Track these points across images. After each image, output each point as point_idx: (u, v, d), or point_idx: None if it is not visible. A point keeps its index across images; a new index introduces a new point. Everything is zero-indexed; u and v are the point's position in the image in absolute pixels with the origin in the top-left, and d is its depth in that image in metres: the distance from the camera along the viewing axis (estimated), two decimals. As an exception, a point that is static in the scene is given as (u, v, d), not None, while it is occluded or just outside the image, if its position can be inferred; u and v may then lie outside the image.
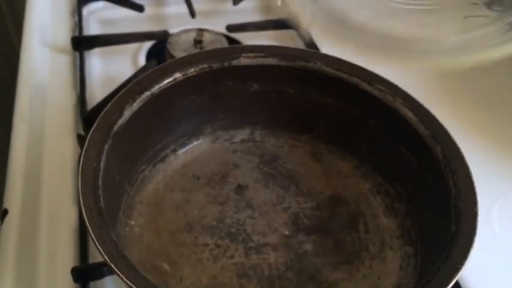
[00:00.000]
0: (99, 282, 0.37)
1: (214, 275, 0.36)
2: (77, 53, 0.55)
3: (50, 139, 0.47)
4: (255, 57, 0.41)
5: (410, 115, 0.38)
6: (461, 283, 0.37)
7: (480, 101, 0.53)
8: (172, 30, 0.59)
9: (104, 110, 0.34)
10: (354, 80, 0.40)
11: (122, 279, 0.26)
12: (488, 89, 0.55)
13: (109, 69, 0.57)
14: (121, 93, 0.36)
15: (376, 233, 0.39)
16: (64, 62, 0.55)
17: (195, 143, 0.44)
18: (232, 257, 0.37)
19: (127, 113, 0.36)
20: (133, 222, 0.38)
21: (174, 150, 0.43)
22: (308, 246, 0.38)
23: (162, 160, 0.42)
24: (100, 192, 0.30)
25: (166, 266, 0.36)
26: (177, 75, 0.39)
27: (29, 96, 0.51)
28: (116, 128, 0.34)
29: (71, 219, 0.40)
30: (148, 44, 0.59)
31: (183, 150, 0.43)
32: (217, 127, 0.44)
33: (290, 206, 0.41)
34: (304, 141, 0.45)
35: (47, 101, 0.51)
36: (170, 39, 0.58)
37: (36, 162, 0.45)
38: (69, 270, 0.36)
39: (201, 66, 0.40)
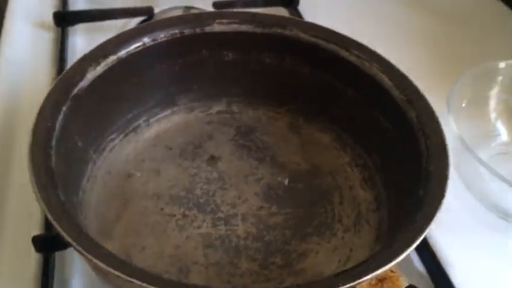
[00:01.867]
0: (66, 254, 0.36)
1: (178, 244, 0.34)
2: (59, 29, 0.54)
3: (25, 113, 0.46)
4: (229, 23, 0.40)
5: (386, 80, 0.36)
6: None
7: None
8: (161, 8, 0.58)
9: (64, 72, 0.33)
10: (331, 46, 0.39)
11: (63, 237, 0.25)
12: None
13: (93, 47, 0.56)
14: (83, 56, 0.35)
15: (352, 205, 0.37)
16: (46, 38, 0.55)
17: (169, 113, 0.42)
18: (199, 227, 0.36)
19: (90, 76, 0.34)
20: (98, 191, 0.37)
21: (147, 121, 0.41)
22: (279, 218, 0.36)
23: (134, 130, 0.41)
24: (52, 152, 0.29)
25: (129, 236, 0.35)
26: (146, 40, 0.38)
27: (7, 70, 0.50)
28: (76, 90, 0.33)
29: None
30: (135, 22, 0.58)
31: (156, 121, 0.42)
32: (192, 98, 0.43)
33: (263, 178, 0.39)
34: (283, 114, 0.43)
35: (25, 76, 0.50)
36: (156, 17, 0.56)
37: (9, 135, 0.44)
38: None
39: (171, 32, 0.39)
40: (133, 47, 0.37)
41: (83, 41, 0.55)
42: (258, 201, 0.37)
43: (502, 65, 0.42)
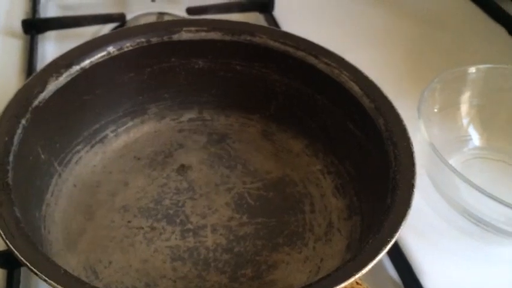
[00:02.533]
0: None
1: (146, 258, 0.34)
2: (29, 37, 0.53)
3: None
4: (197, 31, 0.39)
5: (355, 88, 0.35)
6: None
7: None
8: (133, 14, 0.57)
9: (24, 84, 0.32)
10: (300, 54, 0.38)
11: (16, 256, 0.24)
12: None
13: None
14: (44, 66, 0.34)
15: (323, 214, 0.37)
16: (15, 46, 0.54)
17: (139, 123, 0.42)
18: (167, 239, 0.35)
19: (51, 87, 0.33)
20: (63, 205, 0.36)
21: (115, 131, 0.40)
22: (250, 228, 0.36)
23: (101, 141, 0.40)
24: (9, 168, 0.28)
25: (94, 251, 0.34)
26: (111, 49, 0.37)
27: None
28: (36, 102, 0.32)
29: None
30: (107, 29, 0.57)
31: (125, 130, 0.41)
32: (163, 107, 0.42)
33: (234, 187, 0.38)
34: (255, 120, 0.43)
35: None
36: (129, 24, 0.56)
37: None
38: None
39: (138, 41, 0.38)
40: (97, 56, 0.36)
41: (53, 48, 0.54)
42: (228, 211, 0.37)
43: (472, 69, 0.42)
